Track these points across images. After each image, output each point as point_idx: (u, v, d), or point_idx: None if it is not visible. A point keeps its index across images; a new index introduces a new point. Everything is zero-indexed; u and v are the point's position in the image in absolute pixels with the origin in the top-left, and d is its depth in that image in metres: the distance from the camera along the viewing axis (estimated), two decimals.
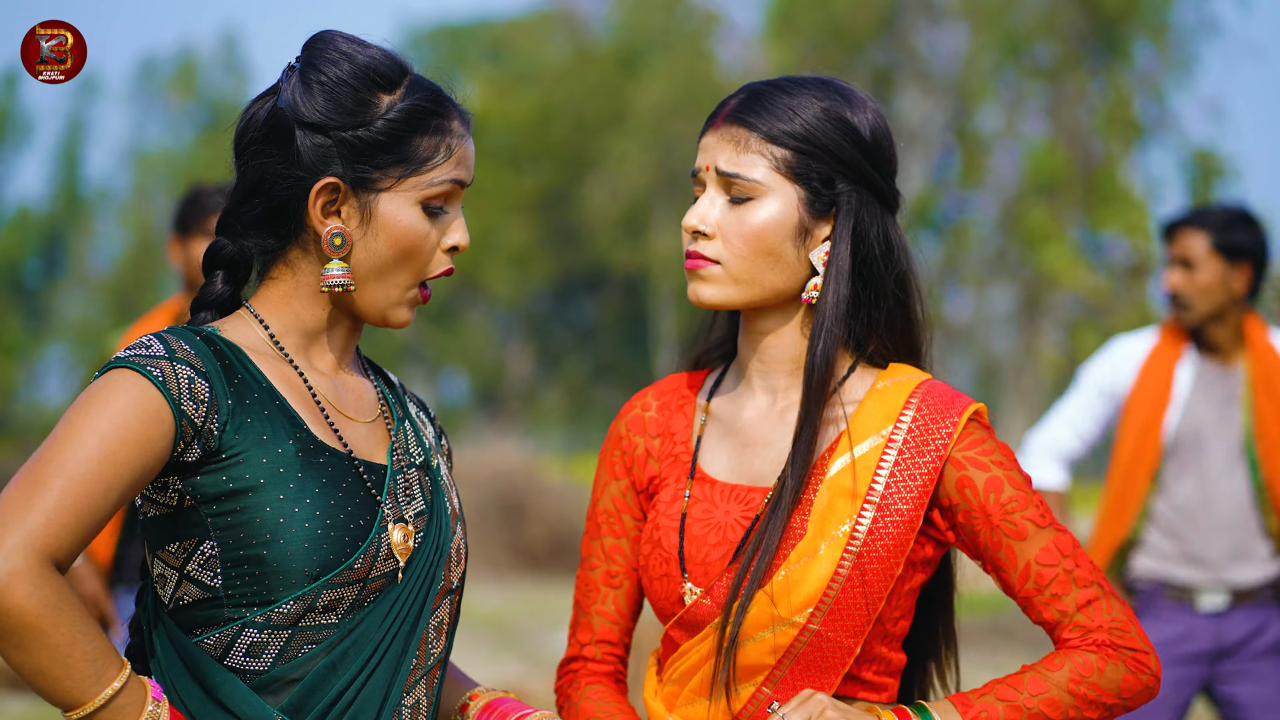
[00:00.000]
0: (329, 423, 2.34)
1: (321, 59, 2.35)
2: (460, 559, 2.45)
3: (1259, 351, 5.15)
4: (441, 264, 2.39)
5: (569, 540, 17.59)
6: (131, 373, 2.20)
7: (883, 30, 22.05)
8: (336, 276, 2.33)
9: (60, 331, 38.76)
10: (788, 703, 2.37)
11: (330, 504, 2.27)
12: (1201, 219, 5.19)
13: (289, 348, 2.37)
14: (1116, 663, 2.38)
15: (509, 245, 33.04)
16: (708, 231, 2.47)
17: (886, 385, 2.48)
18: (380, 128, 2.32)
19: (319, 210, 2.33)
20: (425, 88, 2.38)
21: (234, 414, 2.25)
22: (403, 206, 2.34)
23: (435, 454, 2.49)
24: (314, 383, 2.37)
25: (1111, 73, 20.06)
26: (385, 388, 2.50)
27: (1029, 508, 2.40)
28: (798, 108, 2.45)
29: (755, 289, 2.46)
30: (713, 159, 2.47)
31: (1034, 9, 20.28)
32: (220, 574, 2.24)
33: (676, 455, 2.56)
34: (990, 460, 2.42)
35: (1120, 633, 2.39)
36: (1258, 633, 5.10)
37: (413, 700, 2.37)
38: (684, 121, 29.11)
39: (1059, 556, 2.39)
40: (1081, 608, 2.39)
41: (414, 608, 2.36)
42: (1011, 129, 21.13)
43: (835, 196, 2.46)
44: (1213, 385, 5.18)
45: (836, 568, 2.38)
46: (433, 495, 2.43)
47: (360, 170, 2.32)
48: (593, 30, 34.90)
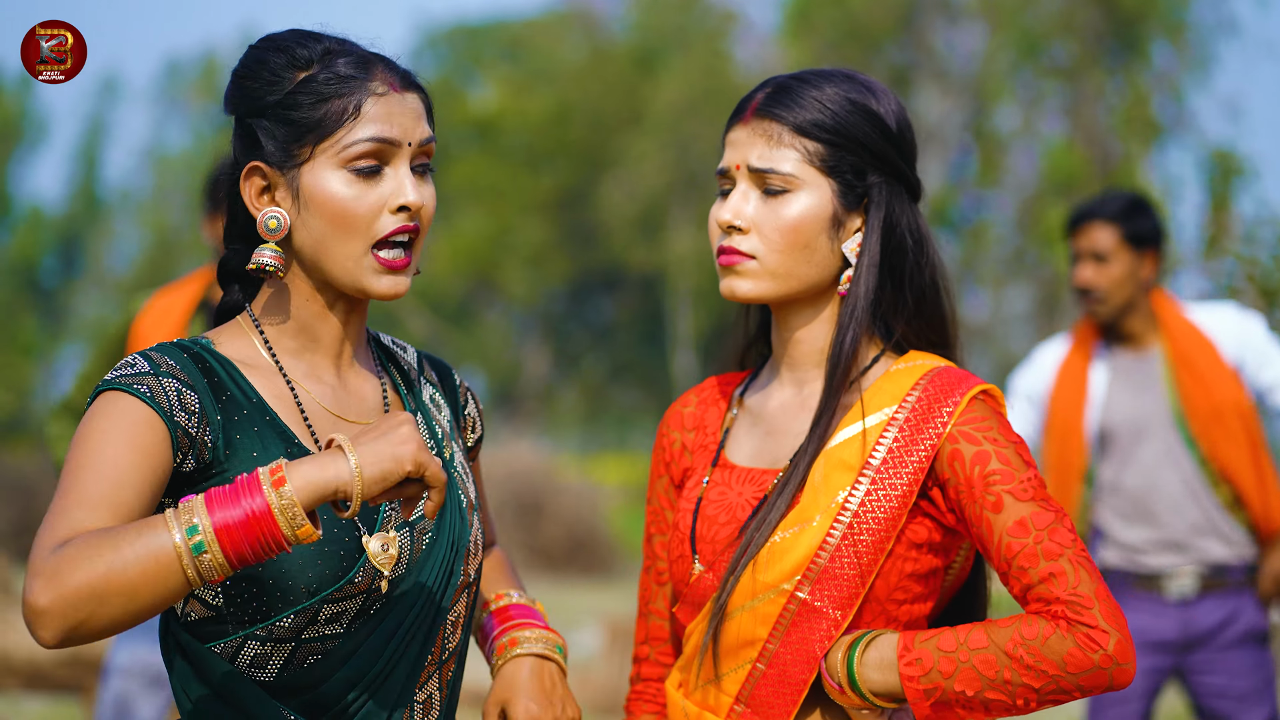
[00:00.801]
0: (314, 437, 2.30)
1: (243, 56, 2.34)
2: (478, 550, 2.42)
3: (1173, 331, 5.17)
4: (389, 224, 2.28)
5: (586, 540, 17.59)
6: (119, 393, 2.17)
7: (900, 30, 22.04)
8: (266, 258, 2.29)
9: (77, 331, 38.81)
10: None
11: (323, 519, 2.24)
12: (1107, 210, 5.21)
13: (286, 353, 2.34)
14: (1065, 635, 2.28)
15: (526, 245, 33.05)
16: (742, 226, 2.46)
17: (901, 368, 2.49)
18: (289, 101, 2.27)
19: (251, 197, 2.30)
20: (347, 53, 2.31)
21: (224, 429, 2.22)
22: (324, 174, 2.27)
23: (449, 442, 2.46)
24: (312, 391, 2.33)
25: (1129, 72, 20.02)
26: (399, 378, 2.47)
27: (1012, 481, 2.35)
28: (826, 100, 2.46)
29: (791, 282, 2.47)
30: (743, 156, 2.47)
31: (1052, 8, 20.25)
32: (220, 592, 2.23)
33: (706, 446, 2.59)
34: (984, 435, 2.39)
35: (1079, 607, 2.29)
36: (1228, 622, 5.09)
37: (425, 695, 2.36)
38: (701, 121, 29.09)
39: (1030, 530, 2.33)
40: (1044, 579, 2.31)
41: (431, 606, 2.33)
42: (1029, 128, 21.11)
43: (867, 188, 2.47)
44: (1131, 374, 5.20)
45: (826, 535, 2.38)
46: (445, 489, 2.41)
47: (281, 148, 2.28)
48: (609, 30, 34.89)
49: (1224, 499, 5.10)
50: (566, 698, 2.52)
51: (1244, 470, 5.09)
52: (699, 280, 31.03)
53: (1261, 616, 5.13)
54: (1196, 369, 5.11)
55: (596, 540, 18.39)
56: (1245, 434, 5.11)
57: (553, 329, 36.66)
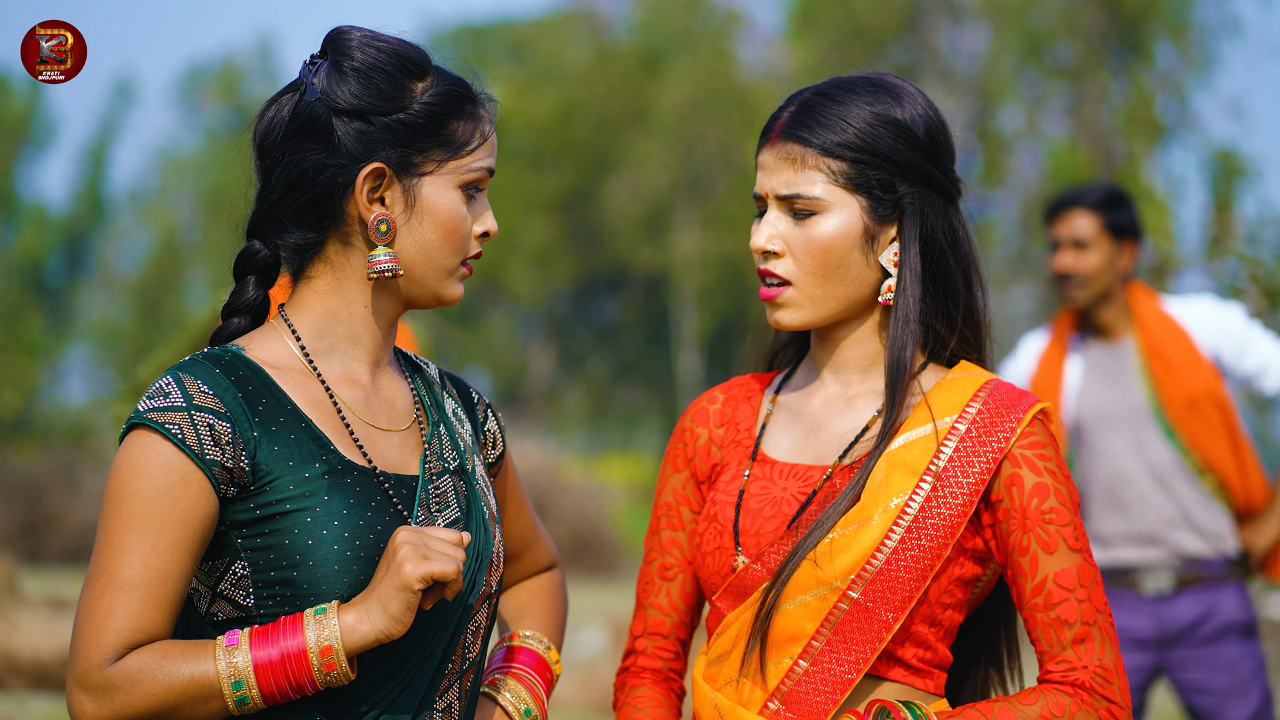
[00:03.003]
0: (355, 440, 2.32)
1: (352, 48, 2.35)
2: (500, 562, 2.43)
3: (1146, 323, 5.20)
4: (475, 246, 2.39)
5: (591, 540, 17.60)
6: (152, 436, 2.21)
7: (904, 30, 22.02)
8: (384, 262, 2.32)
9: (83, 331, 38.82)
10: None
11: (359, 524, 2.26)
12: (1088, 199, 5.25)
13: (321, 356, 2.36)
14: (1090, 711, 2.36)
15: (531, 245, 33.02)
16: (777, 250, 2.49)
17: (957, 377, 2.51)
18: (419, 111, 2.32)
19: (365, 197, 2.32)
20: (453, 75, 2.39)
21: (260, 443, 2.25)
22: (445, 190, 2.34)
23: (471, 455, 2.47)
24: (344, 397, 2.35)
25: (1133, 72, 20.00)
26: (423, 388, 2.48)
27: (1068, 526, 2.40)
28: (849, 117, 2.47)
29: (830, 304, 2.49)
30: (771, 184, 2.49)
31: (1055, 9, 20.22)
32: (253, 594, 2.25)
33: (739, 441, 2.59)
34: (1045, 466, 2.42)
35: (1103, 680, 2.37)
36: (1206, 617, 5.11)
37: (445, 704, 2.37)
38: (706, 121, 29.09)
39: (1076, 584, 2.39)
40: (1075, 643, 2.38)
41: (453, 616, 2.35)
42: (1033, 129, 21.07)
43: (898, 200, 2.48)
44: (1103, 365, 5.24)
45: (884, 537, 2.40)
46: (469, 501, 2.42)
47: (403, 155, 2.32)
48: (614, 30, 34.86)
49: (1210, 486, 5.13)
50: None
51: (1224, 458, 5.13)
52: (704, 280, 31.02)
53: (1244, 609, 5.15)
54: (1169, 360, 5.14)
55: (601, 540, 18.41)
56: (1223, 423, 5.15)
57: (558, 329, 36.64)
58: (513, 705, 2.51)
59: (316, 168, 2.31)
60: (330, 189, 2.32)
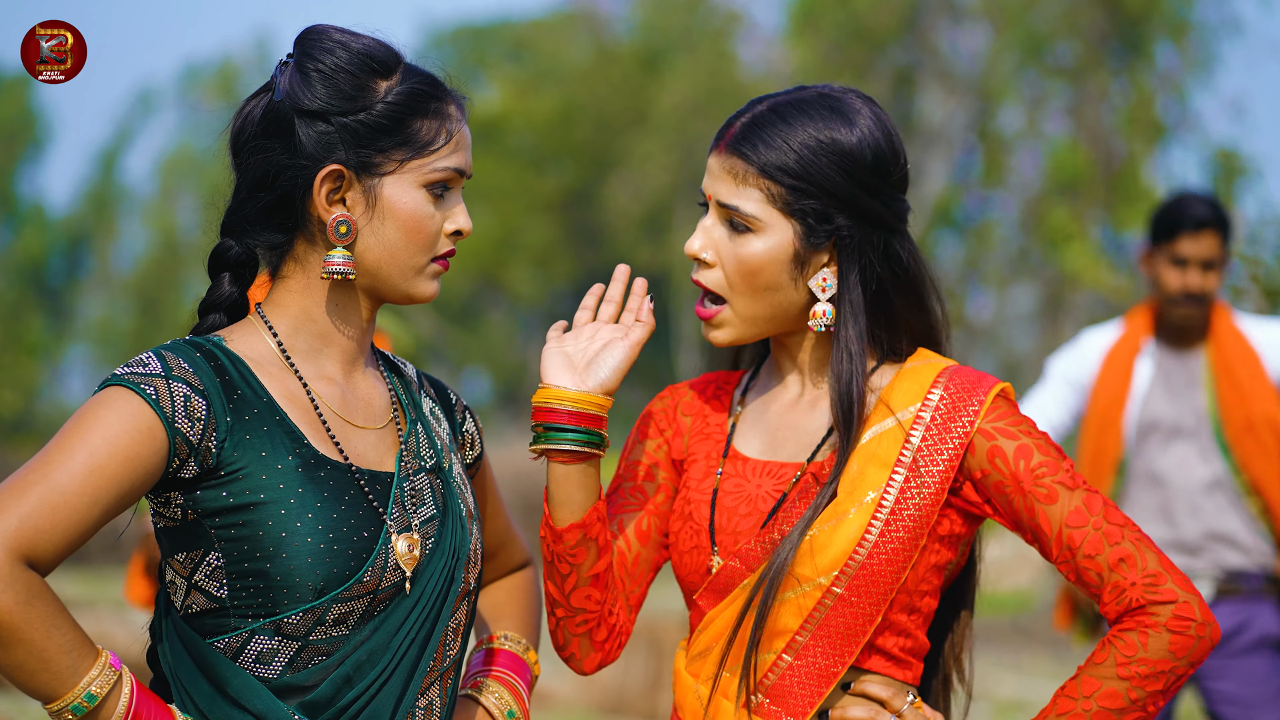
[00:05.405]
0: (330, 435, 2.33)
1: (317, 49, 2.35)
2: (478, 560, 2.44)
3: (1221, 338, 5.18)
4: (446, 245, 2.39)
5: None
6: (126, 391, 2.21)
7: (904, 30, 22.02)
8: (338, 264, 2.33)
9: (83, 331, 38.85)
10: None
11: (333, 518, 2.27)
12: (1217, 220, 5.18)
13: (298, 353, 2.37)
14: (1158, 630, 2.36)
15: (531, 245, 33.04)
16: (709, 260, 2.50)
17: (916, 366, 2.52)
18: (380, 111, 2.32)
19: (324, 198, 2.32)
20: (421, 73, 2.38)
21: (233, 430, 2.25)
22: (407, 189, 2.33)
23: (449, 454, 2.48)
24: (320, 393, 2.36)
25: (1133, 72, 20.00)
26: (401, 388, 2.49)
27: (1059, 472, 2.42)
28: (792, 140, 2.45)
29: (763, 322, 2.51)
30: (714, 189, 2.50)
31: (1055, 9, 20.23)
32: (226, 585, 2.25)
33: (709, 435, 2.60)
34: (1019, 430, 2.44)
35: (1153, 587, 2.37)
36: (1240, 629, 5.11)
37: (426, 702, 2.37)
38: (706, 121, 29.06)
39: (1087, 516, 2.40)
40: (1114, 566, 2.38)
41: (431, 613, 2.36)
42: (1033, 129, 21.08)
43: (834, 230, 2.46)
44: (1173, 374, 5.22)
45: (864, 532, 2.41)
46: (445, 498, 2.42)
47: (363, 155, 2.32)
48: (614, 30, 34.87)
49: (1254, 509, 5.12)
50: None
51: (1272, 483, 5.11)
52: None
53: (1278, 625, 5.14)
54: (1237, 378, 5.12)
55: None
56: (1277, 449, 5.12)
57: None
58: (496, 706, 2.53)
59: (279, 169, 2.33)
60: (292, 190, 2.33)
